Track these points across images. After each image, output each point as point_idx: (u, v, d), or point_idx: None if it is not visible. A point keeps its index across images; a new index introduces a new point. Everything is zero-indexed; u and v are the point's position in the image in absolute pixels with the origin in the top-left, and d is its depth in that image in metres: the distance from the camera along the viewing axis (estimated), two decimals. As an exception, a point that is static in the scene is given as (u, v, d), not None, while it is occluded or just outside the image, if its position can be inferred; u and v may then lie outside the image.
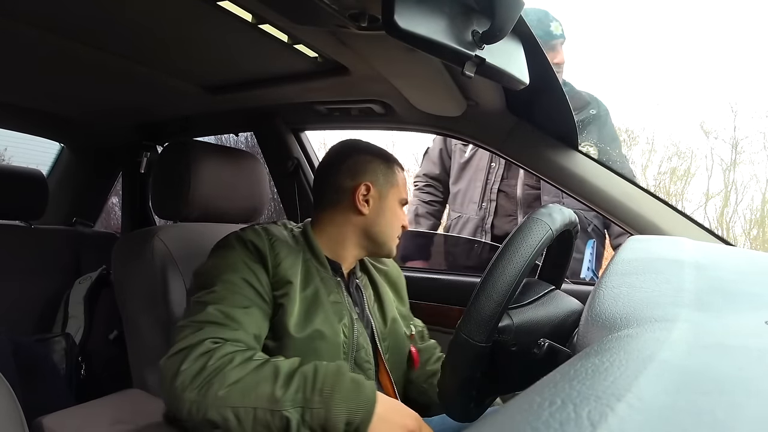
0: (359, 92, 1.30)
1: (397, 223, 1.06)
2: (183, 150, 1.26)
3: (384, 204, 1.04)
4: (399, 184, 1.06)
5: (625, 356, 0.32)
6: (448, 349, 0.71)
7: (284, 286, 0.93)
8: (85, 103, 1.61)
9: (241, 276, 0.89)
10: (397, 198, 1.06)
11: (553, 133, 1.19)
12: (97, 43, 1.07)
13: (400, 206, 1.07)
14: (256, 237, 0.95)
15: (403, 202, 1.07)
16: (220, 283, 0.88)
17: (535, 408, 0.24)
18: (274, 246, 0.95)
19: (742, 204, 5.22)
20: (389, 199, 1.05)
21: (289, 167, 1.63)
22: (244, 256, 0.92)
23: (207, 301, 0.86)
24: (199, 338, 0.81)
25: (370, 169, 1.04)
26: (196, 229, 1.27)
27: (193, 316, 0.85)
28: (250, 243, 0.93)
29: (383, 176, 1.04)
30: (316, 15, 0.81)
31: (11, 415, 0.74)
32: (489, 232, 1.86)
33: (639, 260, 0.61)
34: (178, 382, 0.77)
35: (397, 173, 1.07)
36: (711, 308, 0.44)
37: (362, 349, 0.98)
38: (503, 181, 1.85)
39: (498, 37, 0.70)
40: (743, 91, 6.51)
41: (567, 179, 1.18)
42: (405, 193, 1.08)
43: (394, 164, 1.07)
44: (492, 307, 0.66)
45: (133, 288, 1.16)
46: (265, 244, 0.94)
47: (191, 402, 0.76)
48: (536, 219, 0.71)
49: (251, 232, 0.96)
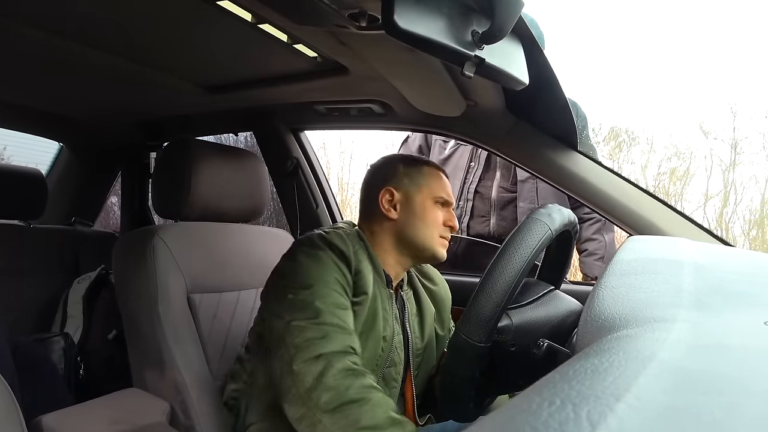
0: (359, 92, 1.30)
1: (433, 223, 1.03)
2: (184, 149, 1.26)
3: (412, 206, 1.03)
4: (430, 184, 1.04)
5: (624, 356, 0.32)
6: (447, 350, 0.71)
7: (360, 296, 0.95)
8: (84, 103, 1.61)
9: (335, 276, 0.92)
10: (429, 197, 1.03)
11: (553, 133, 1.19)
12: (97, 42, 1.07)
13: (438, 206, 1.03)
14: (341, 241, 0.95)
15: (440, 201, 1.04)
16: (319, 283, 0.90)
17: (535, 408, 0.24)
18: (357, 253, 0.97)
19: (741, 205, 5.22)
20: (418, 200, 1.03)
21: (288, 167, 1.63)
22: (333, 256, 0.93)
23: (312, 300, 0.88)
24: (335, 348, 0.84)
25: (392, 174, 1.05)
26: (197, 229, 1.26)
27: (304, 314, 0.87)
28: (336, 248, 0.94)
29: (407, 178, 1.03)
30: (316, 15, 0.81)
31: (10, 414, 0.74)
32: (464, 232, 1.85)
33: (638, 260, 0.61)
34: (324, 399, 0.80)
35: (425, 173, 1.05)
36: (710, 309, 0.44)
37: (393, 366, 1.00)
38: (480, 182, 1.84)
39: (498, 38, 0.70)
40: (743, 92, 6.52)
41: (566, 179, 1.18)
42: (441, 191, 1.04)
43: (421, 165, 1.06)
44: (491, 307, 0.66)
45: (133, 287, 1.15)
46: (349, 249, 0.95)
47: (322, 422, 0.80)
48: (536, 219, 0.71)
49: (335, 235, 0.96)
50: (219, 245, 1.27)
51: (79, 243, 1.82)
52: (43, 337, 1.51)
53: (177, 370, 1.07)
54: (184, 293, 1.15)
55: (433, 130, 1.44)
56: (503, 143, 1.26)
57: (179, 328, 1.11)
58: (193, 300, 1.16)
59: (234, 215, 1.35)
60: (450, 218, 1.04)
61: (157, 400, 1.08)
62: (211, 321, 1.18)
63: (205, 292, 1.19)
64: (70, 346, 1.53)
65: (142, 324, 1.13)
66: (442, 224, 1.03)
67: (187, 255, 1.18)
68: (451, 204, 1.06)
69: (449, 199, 1.05)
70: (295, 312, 0.88)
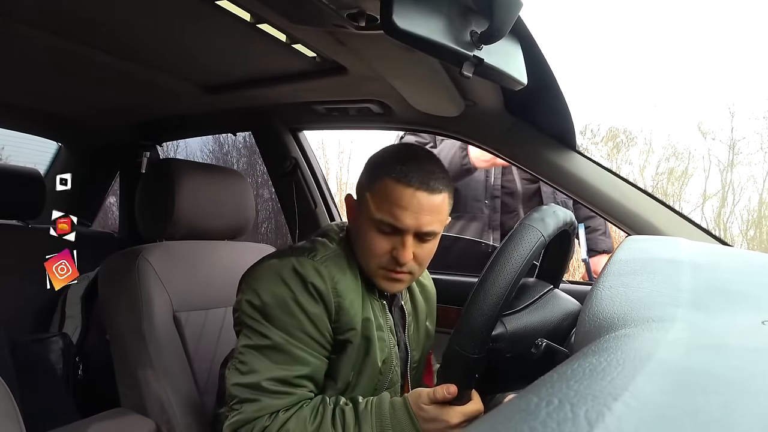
0: (357, 92, 1.30)
1: (370, 250, 0.84)
2: (165, 169, 1.25)
3: (358, 219, 0.88)
4: (378, 200, 0.82)
5: (622, 356, 0.32)
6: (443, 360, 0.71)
7: (346, 332, 0.85)
8: (82, 103, 1.60)
9: (307, 315, 0.81)
10: (368, 218, 0.84)
11: (551, 134, 1.19)
12: (95, 42, 1.07)
13: (378, 231, 0.83)
14: (317, 277, 0.82)
15: (383, 226, 0.82)
16: (288, 318, 0.81)
17: (533, 408, 0.24)
18: (337, 288, 0.84)
19: (740, 205, 5.23)
20: (361, 217, 0.86)
21: (286, 167, 1.63)
22: (304, 300, 0.81)
23: (274, 338, 0.81)
24: (256, 414, 0.79)
25: (363, 173, 0.90)
26: (182, 247, 1.26)
27: (262, 351, 0.81)
28: (311, 285, 0.82)
29: (367, 183, 0.87)
30: (315, 15, 0.81)
31: (9, 414, 0.74)
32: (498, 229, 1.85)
33: (636, 260, 0.61)
34: None
35: (378, 185, 0.83)
36: (708, 308, 0.44)
37: (393, 386, 0.93)
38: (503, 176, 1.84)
39: (496, 38, 0.70)
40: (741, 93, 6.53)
41: (565, 179, 1.18)
42: (387, 215, 0.81)
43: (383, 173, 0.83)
44: (483, 319, 0.65)
45: (119, 308, 1.16)
46: (327, 286, 0.82)
47: None
48: (527, 226, 0.70)
49: (311, 270, 0.82)
50: (204, 263, 1.27)
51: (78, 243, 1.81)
52: (41, 337, 1.51)
53: (162, 388, 1.08)
54: (170, 312, 1.16)
55: (432, 130, 1.44)
56: (502, 143, 1.26)
57: (165, 347, 1.12)
58: (179, 318, 1.17)
59: (219, 233, 1.35)
60: (398, 249, 0.82)
61: (143, 420, 1.08)
62: (198, 338, 1.19)
63: (191, 310, 1.20)
64: (68, 346, 1.53)
65: (127, 344, 1.14)
66: (387, 253, 0.84)
67: (172, 274, 1.18)
68: (405, 231, 0.82)
69: (399, 226, 0.81)
70: (242, 362, 0.82)
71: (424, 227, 0.82)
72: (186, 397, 1.10)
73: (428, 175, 0.82)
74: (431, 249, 0.88)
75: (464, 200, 1.93)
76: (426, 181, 0.81)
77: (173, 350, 1.14)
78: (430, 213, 0.82)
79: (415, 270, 0.87)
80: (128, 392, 1.15)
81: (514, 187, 1.85)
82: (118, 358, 1.17)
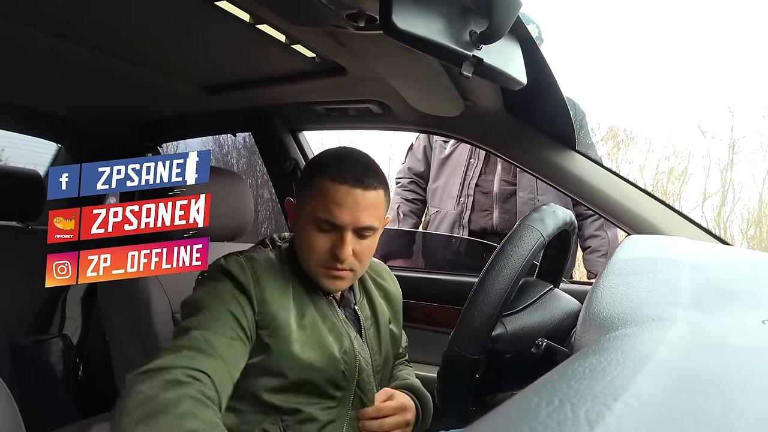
0: (357, 92, 1.30)
1: (310, 248, 0.87)
2: None
3: (298, 222, 0.90)
4: (315, 199, 0.86)
5: (622, 356, 0.32)
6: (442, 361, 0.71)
7: (271, 324, 0.86)
8: (82, 104, 1.60)
9: (227, 307, 0.83)
10: (308, 217, 0.87)
11: (551, 134, 1.19)
12: (95, 43, 1.07)
13: (317, 229, 0.86)
14: (239, 270, 0.86)
15: (322, 224, 0.86)
16: (205, 311, 0.82)
17: (533, 408, 0.24)
18: (260, 280, 0.86)
19: (740, 204, 5.23)
20: (301, 217, 0.89)
21: (286, 167, 1.63)
22: (230, 287, 0.85)
23: (191, 326, 0.80)
24: (171, 363, 0.73)
25: (300, 179, 0.92)
26: None
27: (175, 340, 0.80)
28: (233, 276, 0.86)
29: (305, 186, 0.89)
30: (314, 15, 0.81)
31: (9, 416, 0.74)
32: (466, 227, 1.87)
33: (636, 260, 0.61)
34: (125, 406, 0.69)
35: (314, 185, 0.86)
36: (708, 308, 0.44)
37: (364, 371, 0.92)
38: (481, 176, 1.86)
39: (495, 38, 0.70)
40: (741, 92, 6.54)
41: (564, 179, 1.18)
42: (325, 212, 0.84)
43: (315, 174, 0.87)
44: (483, 320, 0.65)
45: (118, 310, 1.16)
46: (249, 278, 0.86)
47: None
48: (527, 226, 0.69)
49: (234, 263, 0.87)
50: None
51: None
52: (41, 339, 1.51)
53: None
54: (169, 313, 1.15)
55: (432, 130, 1.44)
56: (501, 143, 1.26)
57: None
58: (179, 319, 1.16)
59: (218, 234, 1.35)
60: (338, 246, 0.85)
61: None
62: None
63: None
64: (68, 347, 1.53)
65: (126, 344, 1.14)
66: (327, 251, 0.86)
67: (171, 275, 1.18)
68: (343, 228, 0.85)
69: (337, 223, 0.85)
70: (176, 337, 0.81)
71: (361, 223, 0.85)
72: (185, 398, 1.10)
73: (362, 173, 0.86)
74: (370, 246, 0.90)
75: (441, 196, 1.94)
76: (360, 179, 0.85)
77: (172, 351, 1.14)
78: (366, 209, 0.85)
79: (356, 267, 0.89)
80: None
81: (490, 187, 1.86)
82: (118, 359, 1.17)
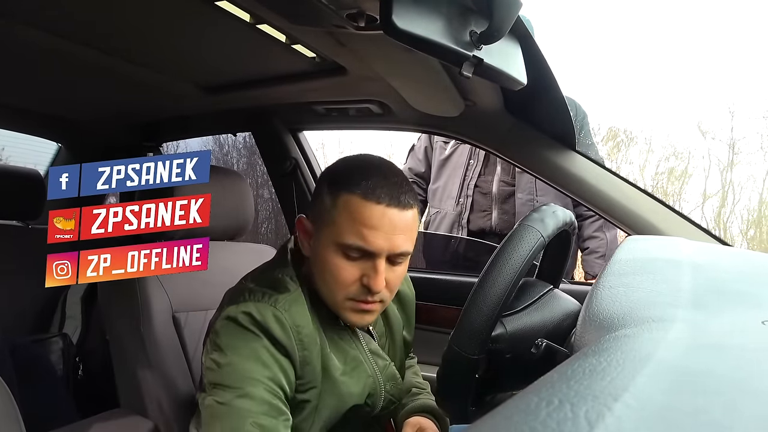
0: (357, 92, 1.30)
1: (335, 279, 0.74)
2: None
3: (317, 245, 0.76)
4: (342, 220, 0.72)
5: (622, 356, 0.32)
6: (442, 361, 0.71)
7: (309, 390, 0.77)
8: (82, 104, 1.60)
9: (266, 375, 0.71)
10: (332, 241, 0.73)
11: (551, 134, 1.19)
12: (95, 43, 1.07)
13: (344, 256, 0.73)
14: (278, 327, 0.73)
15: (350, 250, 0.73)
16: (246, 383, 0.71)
17: (533, 408, 0.24)
18: (302, 340, 0.74)
19: (739, 204, 5.23)
20: (321, 241, 0.75)
21: (287, 167, 1.63)
22: (269, 347, 0.73)
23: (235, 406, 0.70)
24: None
25: (317, 192, 0.78)
26: None
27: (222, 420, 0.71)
28: (271, 336, 0.73)
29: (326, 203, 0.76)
30: (314, 15, 0.81)
31: (9, 415, 0.74)
32: (465, 228, 1.88)
33: (636, 260, 0.61)
34: None
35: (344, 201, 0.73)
36: (708, 308, 0.44)
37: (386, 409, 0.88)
38: (480, 177, 1.87)
39: (496, 38, 0.70)
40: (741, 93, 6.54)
41: (564, 179, 1.18)
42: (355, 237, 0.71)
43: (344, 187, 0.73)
44: (482, 320, 0.65)
45: (118, 309, 1.16)
46: (291, 338, 0.74)
47: None
48: (527, 226, 0.69)
49: (272, 319, 0.73)
50: None
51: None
52: (41, 338, 1.51)
53: (161, 389, 1.08)
54: (169, 312, 1.15)
55: (432, 130, 1.44)
56: (502, 143, 1.26)
57: (164, 348, 1.11)
58: (179, 319, 1.17)
59: (219, 233, 1.35)
60: (370, 275, 0.73)
61: (142, 420, 1.08)
62: (198, 339, 1.18)
63: (190, 311, 1.19)
64: (68, 346, 1.53)
65: (126, 345, 1.14)
66: (356, 282, 0.74)
67: (171, 275, 1.18)
68: (377, 255, 0.73)
69: (370, 249, 0.72)
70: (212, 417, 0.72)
71: (398, 249, 0.73)
72: (185, 398, 1.10)
73: (397, 189, 0.73)
74: (402, 272, 0.79)
75: (440, 197, 1.95)
76: (396, 196, 0.72)
77: (172, 351, 1.13)
78: (403, 232, 0.73)
79: (386, 298, 0.78)
80: (127, 393, 1.15)
81: (489, 188, 1.86)
82: (118, 358, 1.17)
